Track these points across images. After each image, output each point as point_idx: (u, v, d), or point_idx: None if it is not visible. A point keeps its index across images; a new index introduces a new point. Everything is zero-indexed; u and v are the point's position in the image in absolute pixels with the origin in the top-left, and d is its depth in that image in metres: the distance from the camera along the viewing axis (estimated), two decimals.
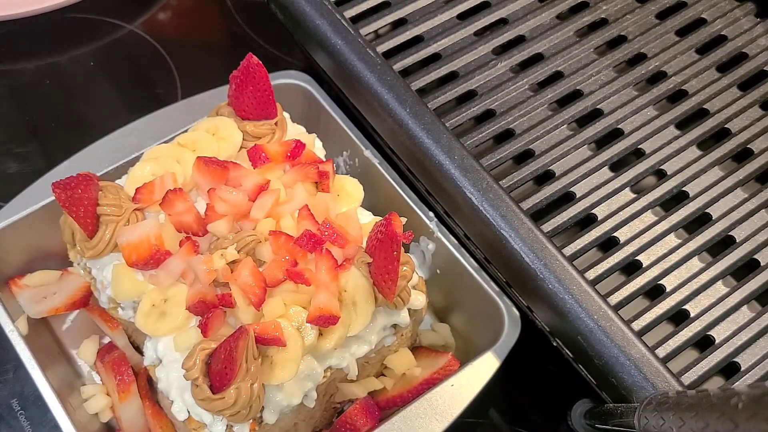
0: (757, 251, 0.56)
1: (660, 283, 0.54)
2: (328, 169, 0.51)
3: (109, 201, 0.48)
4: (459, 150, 0.54)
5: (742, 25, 0.67)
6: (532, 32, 0.66)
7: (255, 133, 0.53)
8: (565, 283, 0.49)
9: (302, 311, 0.45)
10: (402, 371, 0.53)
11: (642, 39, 0.66)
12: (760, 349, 0.52)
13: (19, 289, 0.55)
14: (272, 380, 0.44)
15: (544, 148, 0.60)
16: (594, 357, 0.48)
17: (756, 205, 0.58)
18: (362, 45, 0.58)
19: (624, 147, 0.60)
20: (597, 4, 0.68)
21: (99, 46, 0.74)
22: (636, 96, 0.63)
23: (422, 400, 0.49)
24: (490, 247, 0.52)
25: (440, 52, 0.64)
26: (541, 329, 0.52)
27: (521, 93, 0.62)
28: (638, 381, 0.47)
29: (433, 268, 0.58)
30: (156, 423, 0.52)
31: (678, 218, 0.57)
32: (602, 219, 0.57)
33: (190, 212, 0.48)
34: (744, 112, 0.62)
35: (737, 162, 0.61)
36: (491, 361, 0.51)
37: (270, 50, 0.75)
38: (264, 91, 0.52)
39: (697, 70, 0.64)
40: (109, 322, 0.54)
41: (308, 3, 0.60)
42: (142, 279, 0.47)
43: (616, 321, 0.48)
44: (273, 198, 0.48)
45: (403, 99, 0.56)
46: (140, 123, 0.58)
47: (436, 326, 0.59)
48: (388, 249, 0.45)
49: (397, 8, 0.66)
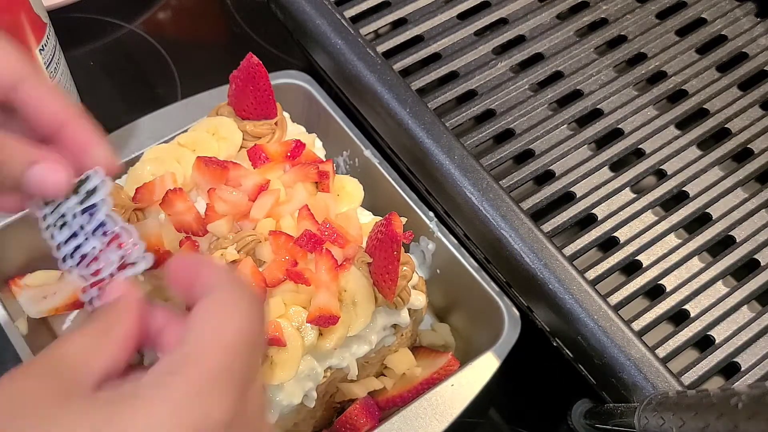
0: (757, 251, 0.56)
1: (660, 283, 0.54)
2: (328, 169, 0.51)
3: None
4: (459, 150, 0.54)
5: (742, 25, 0.67)
6: (532, 32, 0.66)
7: (255, 133, 0.53)
8: (565, 283, 0.49)
9: (302, 311, 0.45)
10: (402, 371, 0.53)
11: (642, 39, 0.66)
12: (760, 349, 0.52)
13: (19, 289, 0.55)
14: (272, 380, 0.44)
15: (544, 148, 0.60)
16: (594, 357, 0.48)
17: (756, 205, 0.58)
18: (362, 45, 0.58)
19: (624, 147, 0.60)
20: (597, 4, 0.68)
21: (99, 45, 0.74)
22: (636, 96, 0.63)
23: (422, 400, 0.49)
24: (490, 247, 0.52)
25: (440, 51, 0.64)
26: (541, 329, 0.52)
27: (521, 93, 0.62)
28: (638, 381, 0.47)
29: (433, 268, 0.58)
30: None
31: (678, 218, 0.57)
32: (602, 219, 0.57)
33: (190, 212, 0.48)
34: (744, 112, 0.62)
35: (737, 162, 0.61)
36: (491, 361, 0.51)
37: (270, 50, 0.75)
38: (264, 91, 0.52)
39: (697, 70, 0.64)
40: None
41: (308, 3, 0.60)
42: (142, 279, 0.47)
43: (616, 321, 0.48)
44: (273, 198, 0.48)
45: (403, 99, 0.56)
46: (140, 123, 0.58)
47: (436, 326, 0.59)
48: (388, 249, 0.45)
49: (397, 8, 0.66)
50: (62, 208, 0.35)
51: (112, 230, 0.34)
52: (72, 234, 0.35)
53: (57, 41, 0.54)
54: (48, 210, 0.35)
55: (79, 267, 0.35)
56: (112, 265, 0.34)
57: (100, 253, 0.34)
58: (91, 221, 0.34)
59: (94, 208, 0.34)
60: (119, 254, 0.34)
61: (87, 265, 0.34)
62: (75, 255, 0.35)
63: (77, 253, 0.35)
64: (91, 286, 0.34)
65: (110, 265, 0.34)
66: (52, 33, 0.53)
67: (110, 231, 0.34)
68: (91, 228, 0.34)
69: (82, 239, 0.35)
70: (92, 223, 0.34)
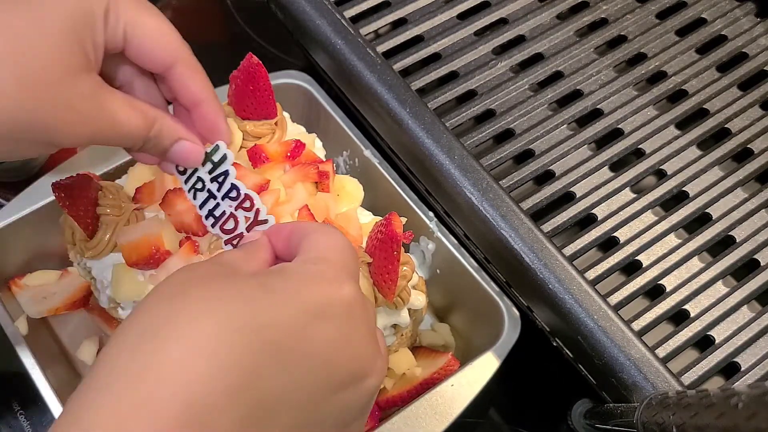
0: (757, 251, 0.56)
1: (660, 283, 0.54)
2: (328, 169, 0.51)
3: (109, 201, 0.48)
4: (459, 150, 0.54)
5: (742, 25, 0.67)
6: (532, 32, 0.66)
7: (255, 132, 0.53)
8: (565, 283, 0.49)
9: None
10: (402, 371, 0.53)
11: (642, 39, 0.66)
12: (760, 349, 0.52)
13: (19, 289, 0.55)
14: None
15: (544, 148, 0.60)
16: (594, 357, 0.48)
17: (756, 205, 0.58)
18: (362, 45, 0.58)
19: (624, 147, 0.60)
20: (597, 4, 0.68)
21: None
22: (636, 96, 0.63)
23: (422, 400, 0.49)
24: (490, 247, 0.52)
25: (440, 51, 0.64)
26: (541, 329, 0.52)
27: (521, 93, 0.62)
28: (638, 381, 0.47)
29: (433, 268, 0.58)
30: None
31: (678, 218, 0.57)
32: (602, 219, 0.57)
33: (190, 212, 0.47)
34: (744, 112, 0.62)
35: (737, 162, 0.61)
36: (491, 361, 0.51)
37: (270, 50, 0.75)
38: (264, 91, 0.52)
39: (697, 70, 0.64)
40: (109, 322, 0.54)
41: (308, 3, 0.60)
42: (142, 279, 0.47)
43: (616, 321, 0.48)
44: (273, 198, 0.48)
45: (403, 99, 0.56)
46: None
47: (436, 326, 0.59)
48: (388, 249, 0.45)
49: (397, 8, 0.66)
50: (197, 174, 0.43)
51: (240, 194, 0.41)
52: (206, 198, 0.43)
53: None
54: (185, 176, 0.43)
55: (215, 227, 0.43)
56: (244, 224, 0.41)
57: (231, 214, 0.42)
58: (222, 187, 0.42)
59: (223, 176, 0.42)
60: (248, 215, 0.41)
61: (223, 223, 0.42)
62: (210, 216, 0.43)
63: (213, 213, 0.43)
64: (226, 242, 0.42)
65: (242, 224, 0.41)
66: None
67: (239, 195, 0.41)
68: (222, 193, 0.42)
69: (215, 202, 0.42)
70: (223, 188, 0.42)
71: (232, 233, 0.42)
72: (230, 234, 0.42)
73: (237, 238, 0.42)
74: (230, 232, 0.42)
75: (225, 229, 0.42)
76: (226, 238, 0.42)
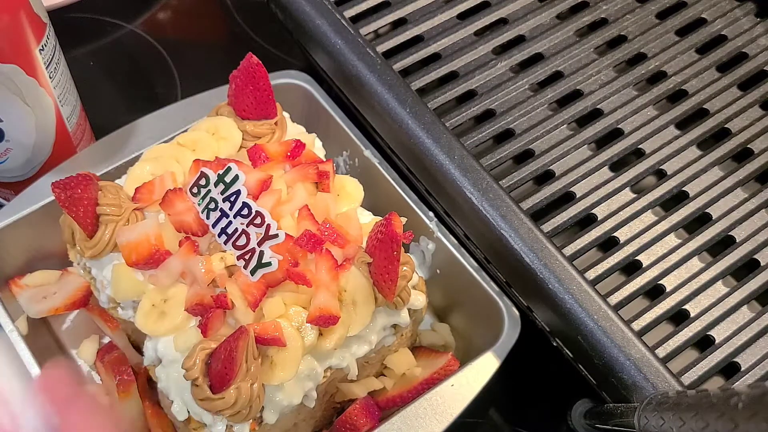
0: (757, 251, 0.56)
1: (660, 283, 0.54)
2: (328, 169, 0.51)
3: (108, 201, 0.48)
4: (459, 150, 0.54)
5: (742, 25, 0.67)
6: (532, 32, 0.66)
7: (255, 132, 0.53)
8: (565, 283, 0.49)
9: (302, 311, 0.45)
10: (402, 371, 0.53)
11: (642, 39, 0.66)
12: (760, 349, 0.52)
13: (19, 289, 0.55)
14: (272, 380, 0.44)
15: (544, 148, 0.60)
16: (594, 357, 0.48)
17: (756, 205, 0.58)
18: (362, 45, 0.58)
19: (624, 147, 0.60)
20: (597, 4, 0.68)
21: (99, 45, 0.74)
22: (636, 96, 0.63)
23: (422, 400, 0.49)
24: (490, 247, 0.52)
25: (440, 52, 0.64)
26: (541, 329, 0.52)
27: (521, 93, 0.62)
28: (638, 381, 0.47)
29: (433, 268, 0.58)
30: (156, 423, 0.52)
31: (678, 218, 0.57)
32: (602, 219, 0.57)
33: (190, 212, 0.47)
34: (744, 112, 0.62)
35: (737, 162, 0.61)
36: (491, 361, 0.51)
37: (270, 50, 0.75)
38: (264, 91, 0.52)
39: (697, 70, 0.64)
40: (109, 322, 0.54)
41: (308, 3, 0.60)
42: (142, 279, 0.47)
43: (616, 321, 0.48)
44: (274, 198, 0.48)
45: (403, 99, 0.56)
46: (140, 123, 0.58)
47: (436, 326, 0.59)
48: (388, 249, 0.45)
49: (397, 8, 0.66)
50: (210, 195, 0.46)
51: (252, 211, 0.45)
52: (219, 217, 0.46)
53: (57, 41, 0.54)
54: (198, 198, 0.47)
55: (228, 243, 0.46)
56: (255, 239, 0.44)
57: (243, 231, 0.45)
58: (233, 206, 0.45)
59: (235, 195, 0.45)
60: (259, 231, 0.44)
61: (235, 240, 0.45)
62: (223, 234, 0.46)
63: (226, 231, 0.46)
64: (239, 258, 0.45)
65: (254, 239, 0.44)
66: (52, 33, 0.53)
67: (250, 212, 0.45)
68: (235, 211, 0.45)
69: (228, 220, 0.45)
70: (235, 207, 0.45)
71: (244, 249, 0.45)
72: (242, 250, 0.45)
73: (249, 253, 0.44)
74: (242, 248, 0.45)
75: (237, 245, 0.45)
76: (239, 254, 0.45)
